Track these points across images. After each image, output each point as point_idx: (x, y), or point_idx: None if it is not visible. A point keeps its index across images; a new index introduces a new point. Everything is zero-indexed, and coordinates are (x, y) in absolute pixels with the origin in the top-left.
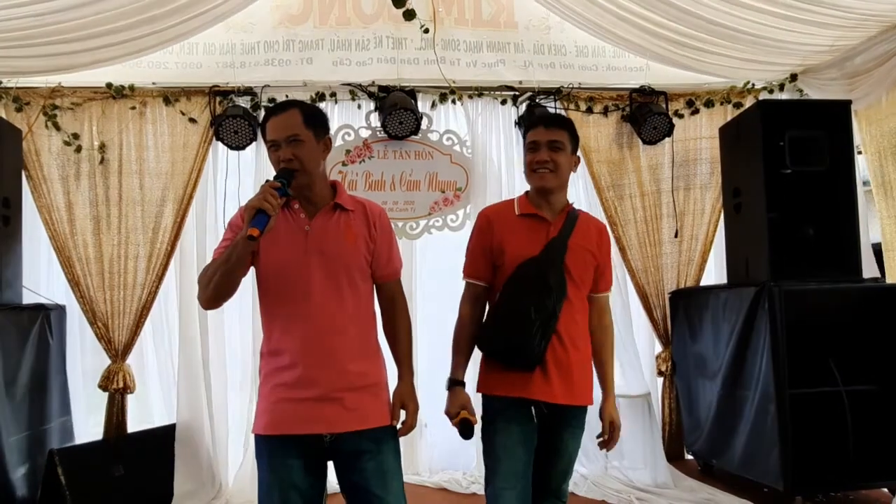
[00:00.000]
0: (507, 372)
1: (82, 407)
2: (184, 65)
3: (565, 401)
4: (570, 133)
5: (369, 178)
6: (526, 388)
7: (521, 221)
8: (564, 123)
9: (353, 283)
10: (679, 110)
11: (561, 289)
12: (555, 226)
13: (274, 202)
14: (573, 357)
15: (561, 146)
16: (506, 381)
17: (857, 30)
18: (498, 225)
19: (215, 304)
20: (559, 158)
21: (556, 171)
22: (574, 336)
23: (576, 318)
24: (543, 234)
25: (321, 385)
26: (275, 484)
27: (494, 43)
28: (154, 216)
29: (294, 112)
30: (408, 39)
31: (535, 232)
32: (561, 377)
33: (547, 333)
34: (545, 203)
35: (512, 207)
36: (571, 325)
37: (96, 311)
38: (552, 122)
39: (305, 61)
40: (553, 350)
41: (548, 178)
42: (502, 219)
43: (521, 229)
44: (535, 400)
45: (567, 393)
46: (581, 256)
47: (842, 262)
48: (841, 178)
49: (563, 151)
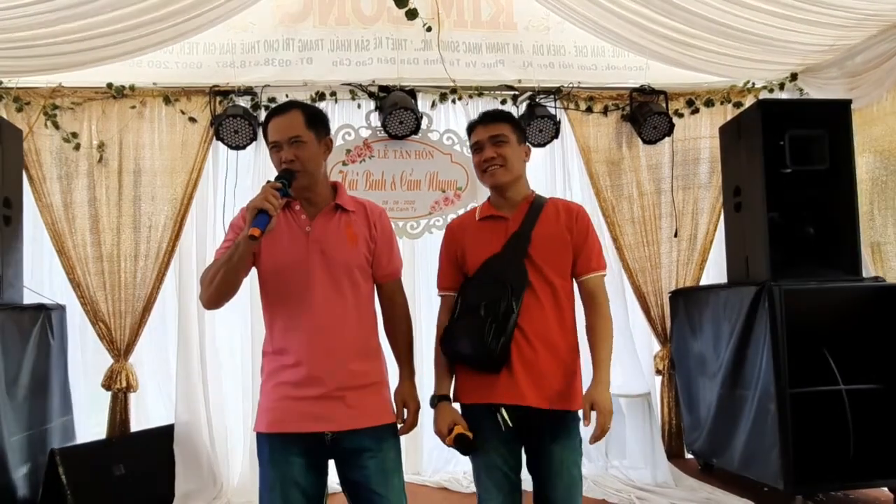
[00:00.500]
0: (475, 376)
1: (83, 406)
2: (184, 64)
3: (537, 404)
4: (511, 124)
5: (370, 178)
6: (491, 392)
7: (481, 225)
8: (504, 116)
9: (355, 282)
10: (679, 110)
11: (519, 283)
12: (514, 220)
13: (275, 202)
14: (542, 355)
15: (504, 139)
16: (474, 387)
17: (858, 29)
18: (461, 234)
19: (217, 304)
20: (505, 152)
21: (505, 164)
22: (543, 332)
23: (546, 312)
24: (503, 232)
25: (323, 384)
26: (276, 482)
27: (494, 44)
28: (154, 215)
29: (296, 113)
30: (408, 41)
31: (494, 232)
32: (530, 378)
33: (503, 330)
34: (504, 201)
35: (474, 214)
36: (540, 321)
37: (98, 311)
38: (490, 118)
39: (305, 61)
40: (518, 348)
41: (498, 174)
42: (465, 227)
43: (481, 233)
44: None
45: (539, 395)
46: (549, 245)
47: (842, 262)
48: (841, 178)
49: (508, 144)
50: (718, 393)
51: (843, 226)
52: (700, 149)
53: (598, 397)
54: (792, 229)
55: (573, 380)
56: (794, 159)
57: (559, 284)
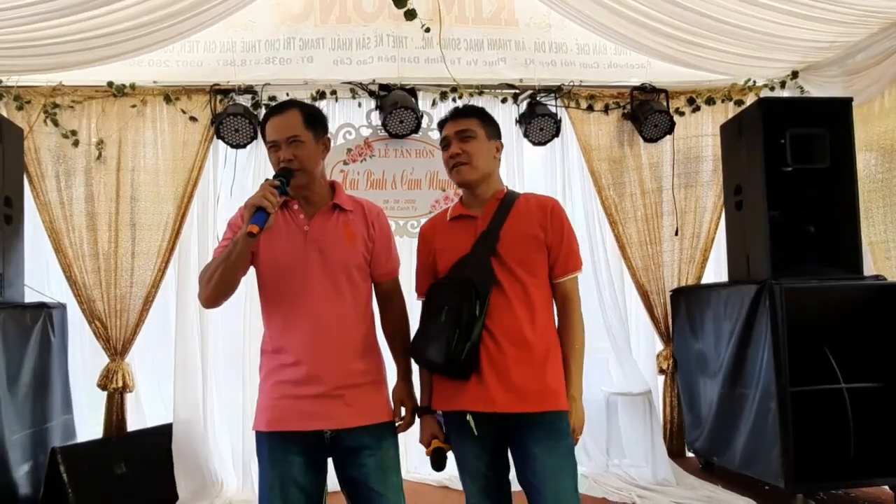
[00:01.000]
0: (447, 382)
1: (83, 405)
2: (184, 63)
3: (508, 408)
4: (480, 119)
5: (370, 177)
6: (460, 398)
7: (451, 225)
8: (473, 111)
9: (352, 281)
10: (680, 108)
11: (485, 284)
12: (483, 219)
13: (273, 200)
14: (513, 357)
15: (471, 134)
16: (446, 394)
17: (859, 26)
18: (432, 237)
19: (216, 303)
20: (471, 148)
21: (469, 161)
22: (513, 333)
23: (517, 312)
24: (472, 232)
25: (322, 382)
26: (276, 481)
27: (495, 41)
28: (154, 214)
29: (294, 112)
30: (408, 38)
31: (464, 232)
32: (499, 380)
33: (468, 335)
34: (474, 199)
35: (446, 215)
36: (509, 321)
37: (94, 310)
38: (458, 114)
39: (306, 60)
40: (487, 351)
41: (464, 170)
42: (436, 229)
43: (451, 233)
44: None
45: (510, 399)
46: (519, 242)
47: (843, 260)
48: (842, 176)
49: (475, 139)
50: (719, 391)
51: (843, 224)
52: (701, 147)
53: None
54: (793, 228)
55: (551, 378)
56: (794, 158)
57: (530, 282)
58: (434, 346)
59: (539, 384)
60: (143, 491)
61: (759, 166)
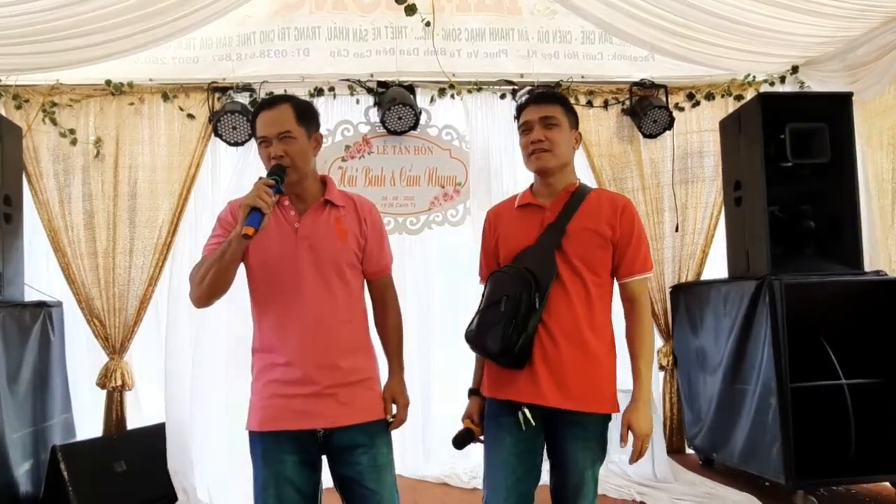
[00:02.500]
0: (499, 370)
1: (82, 404)
2: (180, 59)
3: (557, 404)
4: (564, 107)
5: (369, 174)
6: (512, 388)
7: (518, 213)
8: (557, 98)
9: (344, 279)
10: (679, 103)
11: (546, 277)
12: (552, 210)
13: (268, 199)
14: (566, 353)
15: (556, 122)
16: (497, 382)
17: (859, 21)
18: (498, 222)
19: (207, 303)
20: (555, 135)
21: (552, 149)
22: (570, 329)
23: (575, 309)
24: (538, 222)
25: (314, 381)
26: (270, 480)
27: (497, 30)
28: (151, 211)
29: (285, 108)
30: (407, 28)
31: (530, 222)
32: (551, 376)
33: (524, 326)
34: (545, 188)
35: (513, 202)
36: (566, 317)
37: (92, 308)
38: (543, 99)
39: (302, 52)
40: (541, 345)
41: (545, 157)
42: (502, 215)
43: (517, 221)
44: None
45: (560, 394)
46: (584, 239)
47: (843, 255)
48: (842, 171)
49: (559, 127)
50: (719, 388)
51: (844, 219)
52: (701, 142)
53: (635, 419)
54: (793, 223)
55: (602, 381)
56: (794, 153)
57: (592, 281)
58: (491, 334)
59: (591, 385)
60: (144, 489)
61: (759, 161)
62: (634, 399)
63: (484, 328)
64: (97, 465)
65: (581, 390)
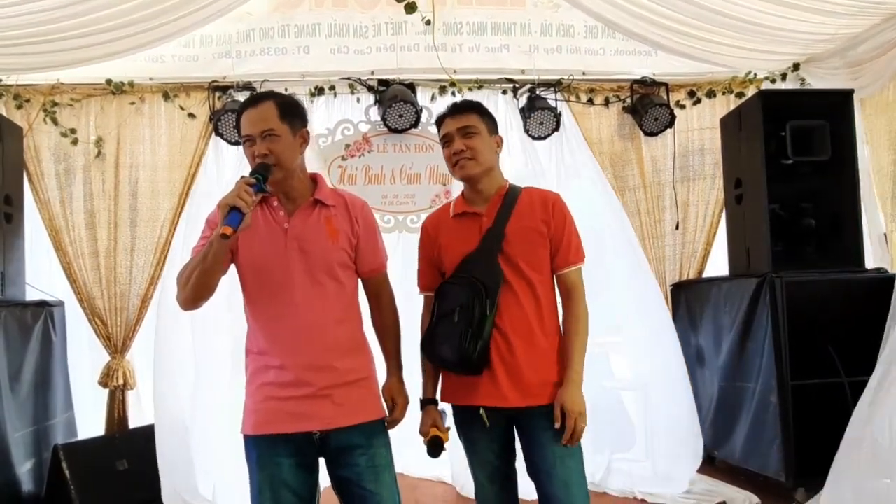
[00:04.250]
0: (458, 378)
1: (84, 403)
2: (179, 57)
3: (519, 403)
4: (480, 114)
5: (369, 172)
6: (473, 394)
7: (455, 222)
8: (472, 106)
9: (336, 279)
10: (681, 101)
11: (494, 283)
12: (488, 216)
13: (248, 199)
14: (520, 352)
15: (474, 130)
16: (457, 389)
17: (861, 17)
18: (436, 232)
19: (194, 305)
20: (475, 143)
21: (474, 157)
22: (522, 329)
23: (525, 309)
24: (477, 229)
25: (309, 383)
26: (265, 484)
27: (500, 24)
28: (152, 211)
29: (269, 105)
30: (408, 24)
31: (468, 229)
32: (509, 377)
33: (479, 333)
34: (477, 194)
35: (448, 210)
36: (517, 318)
37: (94, 307)
38: (458, 109)
39: (302, 50)
40: (497, 348)
41: (469, 165)
42: (440, 224)
43: (456, 230)
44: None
45: (519, 394)
46: (524, 239)
47: (844, 253)
48: (843, 168)
49: (479, 135)
50: (720, 385)
51: (845, 216)
52: (702, 140)
53: (567, 398)
54: (793, 221)
55: (553, 371)
56: (795, 150)
57: (536, 279)
58: (447, 345)
59: (546, 378)
60: (145, 487)
61: (760, 159)
62: (566, 381)
63: (440, 341)
64: (99, 464)
65: (537, 385)
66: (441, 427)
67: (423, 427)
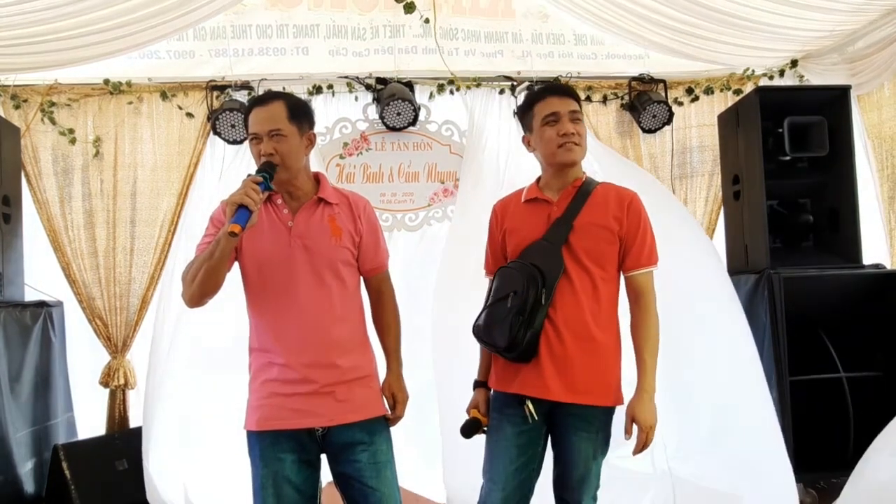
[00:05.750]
0: (505, 364)
1: (85, 403)
2: (176, 53)
3: (562, 398)
4: (579, 103)
5: (367, 171)
6: (518, 382)
7: (525, 208)
8: (575, 93)
9: (339, 277)
10: (679, 98)
11: (553, 273)
12: (559, 205)
13: (256, 197)
14: (572, 347)
15: (580, 117)
16: (503, 375)
17: (858, 14)
18: (504, 215)
19: (200, 302)
20: (581, 130)
21: (581, 143)
22: (575, 324)
23: (582, 304)
24: (545, 217)
25: (311, 380)
26: (268, 480)
27: (492, 32)
28: (151, 211)
29: (278, 105)
30: (405, 26)
31: (537, 216)
32: (557, 370)
33: (531, 322)
34: (555, 182)
35: (520, 196)
36: (573, 312)
37: (94, 308)
38: (567, 93)
39: (301, 51)
40: (547, 340)
41: (577, 151)
42: (509, 208)
43: (524, 216)
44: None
45: (565, 388)
46: (591, 234)
47: (842, 248)
48: (841, 164)
49: (582, 123)
50: None
51: (843, 213)
52: (700, 137)
53: (639, 410)
54: (791, 217)
55: (607, 374)
56: (793, 146)
57: (599, 276)
58: (498, 329)
59: (596, 378)
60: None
61: (757, 155)
62: (639, 390)
63: (491, 323)
64: (99, 463)
65: (585, 384)
66: (482, 410)
67: (469, 407)
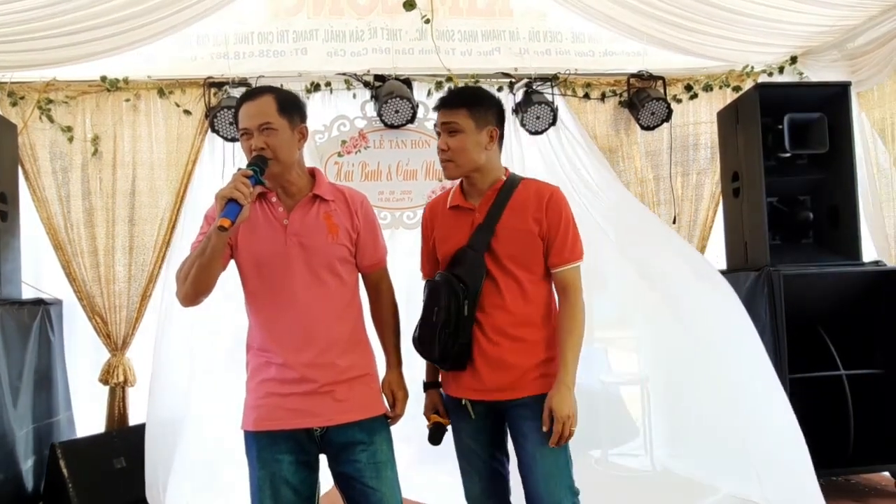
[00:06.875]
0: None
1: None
2: (178, 58)
3: (501, 397)
4: (468, 108)
5: (365, 168)
6: (459, 385)
7: (451, 214)
8: (460, 101)
9: (337, 274)
10: (677, 95)
11: (475, 282)
12: (480, 211)
13: (246, 191)
14: (506, 349)
15: (457, 128)
16: (445, 379)
17: (858, 9)
18: (433, 221)
19: (194, 301)
20: (456, 143)
21: (453, 159)
22: (505, 327)
23: (509, 308)
24: (469, 223)
25: (310, 380)
26: (265, 481)
27: (489, 31)
28: (150, 208)
29: (267, 99)
30: (402, 30)
31: (461, 223)
32: (492, 371)
33: (457, 334)
34: (471, 187)
35: (447, 198)
36: (501, 316)
37: (94, 305)
38: (445, 103)
39: (300, 52)
40: (478, 344)
41: (448, 168)
42: (437, 212)
43: (450, 223)
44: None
45: (504, 388)
46: (513, 238)
47: (841, 246)
48: (841, 161)
49: (462, 133)
50: None
51: (842, 209)
52: (699, 134)
53: (556, 401)
54: (791, 214)
55: (548, 366)
56: (792, 143)
57: (526, 278)
58: (430, 343)
59: (536, 371)
60: (143, 485)
61: (757, 152)
62: (557, 382)
63: (423, 337)
64: (97, 461)
65: (526, 378)
66: (443, 412)
67: (426, 410)
